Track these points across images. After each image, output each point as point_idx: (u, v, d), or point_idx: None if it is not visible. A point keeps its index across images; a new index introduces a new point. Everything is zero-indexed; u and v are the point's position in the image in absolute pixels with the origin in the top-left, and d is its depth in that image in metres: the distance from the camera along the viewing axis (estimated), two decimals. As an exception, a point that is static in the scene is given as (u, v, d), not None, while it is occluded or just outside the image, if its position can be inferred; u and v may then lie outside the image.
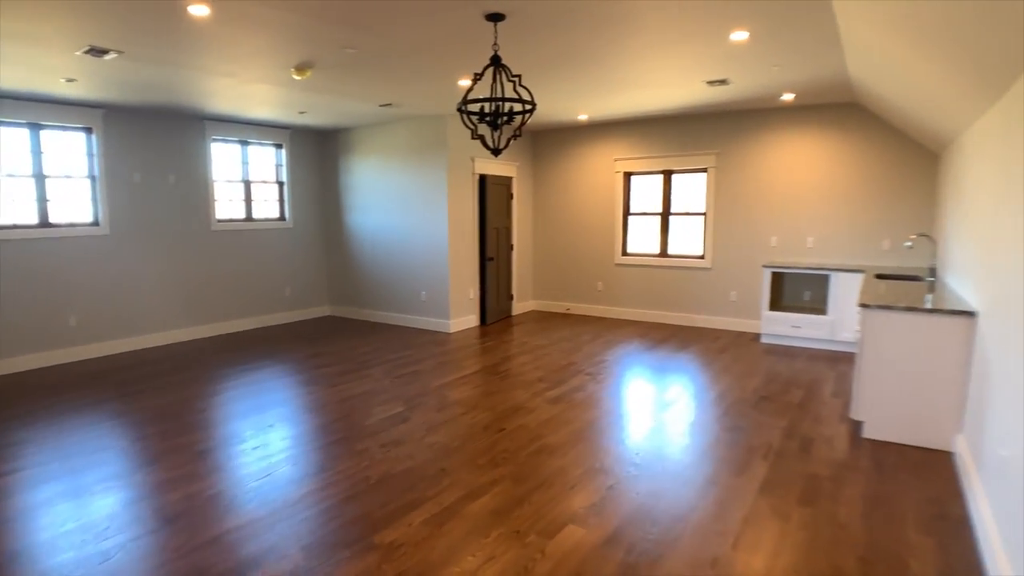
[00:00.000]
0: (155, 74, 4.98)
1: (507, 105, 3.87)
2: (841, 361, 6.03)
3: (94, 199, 6.53)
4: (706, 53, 4.54)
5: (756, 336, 7.21)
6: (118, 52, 4.30)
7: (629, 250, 8.48)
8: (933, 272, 5.08)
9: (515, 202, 8.77)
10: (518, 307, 9.08)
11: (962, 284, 4.12)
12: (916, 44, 3.20)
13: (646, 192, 8.29)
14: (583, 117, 7.69)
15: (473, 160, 7.88)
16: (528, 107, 3.76)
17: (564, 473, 3.52)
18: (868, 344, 3.85)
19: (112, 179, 6.60)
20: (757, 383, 5.29)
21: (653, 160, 8.02)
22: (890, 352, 3.78)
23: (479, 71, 3.99)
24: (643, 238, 8.37)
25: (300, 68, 4.90)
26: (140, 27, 3.77)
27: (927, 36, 2.98)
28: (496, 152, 3.84)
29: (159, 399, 4.99)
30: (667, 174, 8.03)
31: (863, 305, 3.82)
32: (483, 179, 8.02)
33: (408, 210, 7.99)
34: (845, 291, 6.23)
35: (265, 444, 4.03)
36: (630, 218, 8.43)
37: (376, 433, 4.21)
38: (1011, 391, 2.48)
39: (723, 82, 5.52)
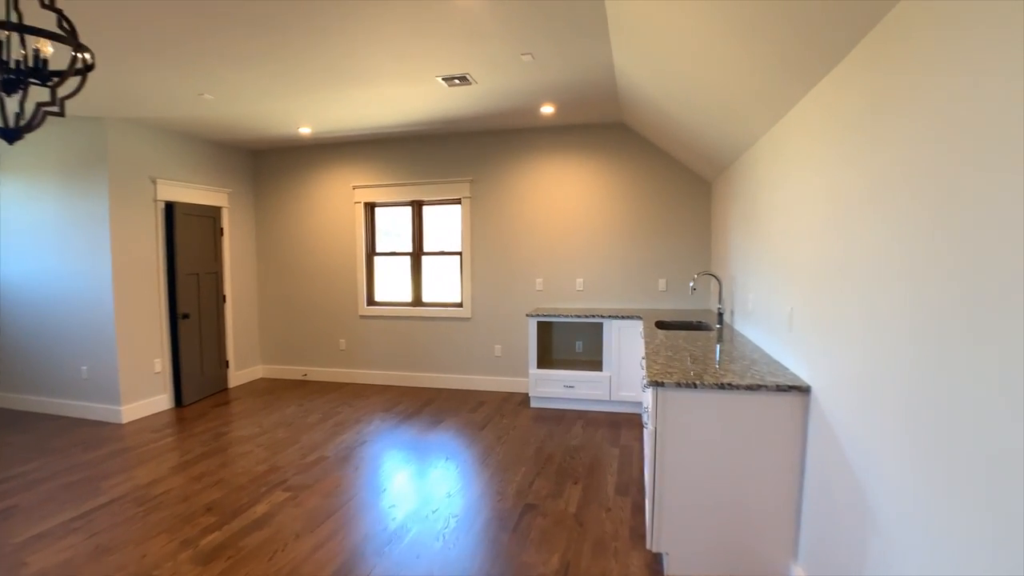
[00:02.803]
0: None
1: (31, 55, 2.03)
2: (623, 427, 4.96)
3: None
4: (431, 23, 3.14)
5: (525, 398, 5.97)
6: None
7: (377, 298, 6.85)
8: (720, 318, 4.17)
9: (227, 239, 6.69)
10: (240, 376, 6.91)
11: (768, 338, 3.13)
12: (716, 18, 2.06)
13: (394, 227, 6.77)
14: (306, 131, 5.97)
15: (155, 182, 5.70)
16: (83, 60, 1.98)
17: None
18: (665, 441, 2.60)
19: None
20: (523, 478, 3.90)
21: (400, 188, 6.55)
22: (695, 450, 2.58)
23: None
24: (393, 283, 6.80)
25: None
26: None
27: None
28: (11, 136, 1.97)
29: None
30: (417, 205, 6.60)
31: (656, 383, 2.57)
32: (171, 208, 5.85)
33: (64, 252, 5.49)
34: (622, 341, 5.23)
35: None
36: (376, 259, 6.82)
37: None
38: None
39: (464, 79, 4.22)
